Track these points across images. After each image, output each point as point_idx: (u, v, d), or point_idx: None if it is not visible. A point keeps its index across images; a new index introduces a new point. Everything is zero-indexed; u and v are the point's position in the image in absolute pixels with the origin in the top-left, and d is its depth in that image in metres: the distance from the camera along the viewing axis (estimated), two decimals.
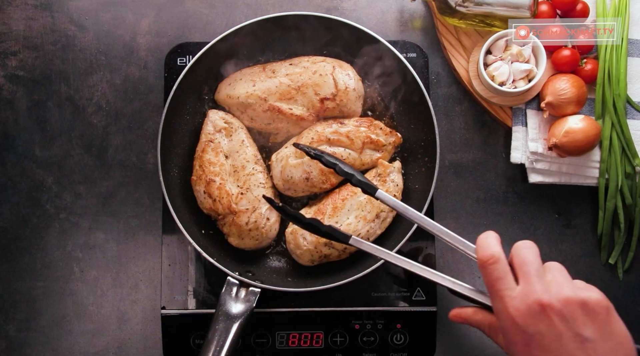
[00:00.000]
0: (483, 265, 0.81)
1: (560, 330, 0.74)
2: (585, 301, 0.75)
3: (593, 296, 0.75)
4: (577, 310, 0.75)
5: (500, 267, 0.79)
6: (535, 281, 0.77)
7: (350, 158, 1.15)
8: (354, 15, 1.29)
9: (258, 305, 1.09)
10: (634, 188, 1.20)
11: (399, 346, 1.17)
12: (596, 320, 0.74)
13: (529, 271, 0.78)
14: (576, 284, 0.78)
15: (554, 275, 0.78)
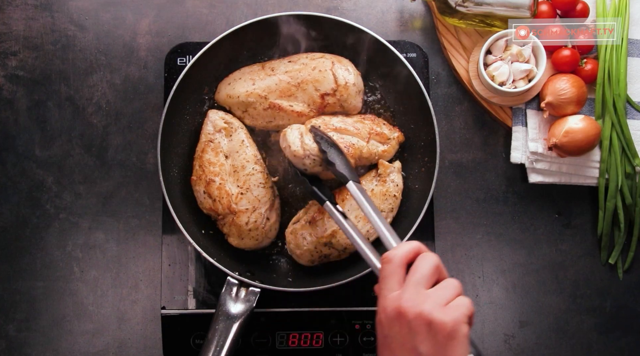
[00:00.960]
0: (383, 260, 0.85)
1: (405, 338, 0.78)
2: (431, 321, 0.77)
3: (441, 318, 0.77)
4: (423, 326, 0.78)
5: (390, 268, 0.83)
6: (409, 290, 0.80)
7: (358, 145, 1.14)
8: (354, 15, 1.29)
9: (258, 305, 1.09)
10: (634, 188, 1.20)
11: None
12: (434, 341, 0.77)
13: (411, 279, 0.81)
14: (452, 303, 0.80)
15: (436, 290, 0.81)
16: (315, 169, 1.10)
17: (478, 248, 1.24)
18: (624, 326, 1.22)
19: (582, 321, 1.22)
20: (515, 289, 1.23)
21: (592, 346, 1.21)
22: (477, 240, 1.24)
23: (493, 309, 1.22)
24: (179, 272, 1.20)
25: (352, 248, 1.14)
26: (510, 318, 1.22)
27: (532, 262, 1.23)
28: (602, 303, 1.22)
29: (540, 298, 1.23)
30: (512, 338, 1.22)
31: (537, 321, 1.22)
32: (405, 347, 0.78)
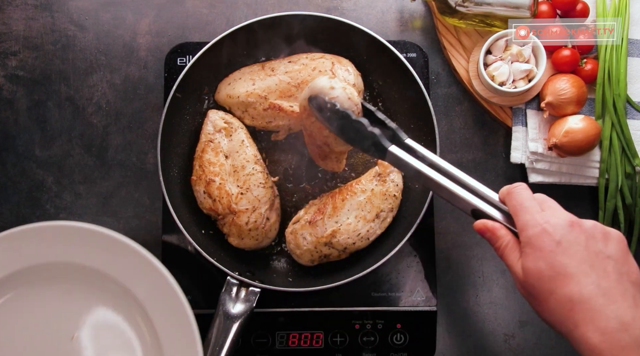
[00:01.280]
0: (513, 189, 0.88)
1: (587, 242, 0.81)
2: (607, 232, 0.83)
3: (615, 230, 0.84)
4: (600, 235, 0.82)
5: (525, 193, 0.87)
6: (561, 208, 0.86)
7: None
8: (354, 15, 1.29)
9: (258, 305, 1.09)
10: (634, 188, 1.20)
11: (399, 346, 1.17)
12: (617, 247, 0.82)
13: (554, 204, 0.87)
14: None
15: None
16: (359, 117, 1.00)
17: (478, 248, 1.24)
18: None
19: None
20: (515, 289, 1.23)
21: None
22: (477, 240, 1.24)
23: (493, 309, 1.22)
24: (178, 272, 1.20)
25: (352, 248, 1.15)
26: (510, 318, 1.22)
27: None
28: None
29: None
30: (512, 338, 1.22)
31: (537, 321, 1.22)
32: (590, 249, 0.81)
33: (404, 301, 1.19)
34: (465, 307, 1.22)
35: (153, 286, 1.00)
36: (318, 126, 1.03)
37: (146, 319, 1.00)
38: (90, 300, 1.01)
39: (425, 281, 1.20)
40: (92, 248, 1.01)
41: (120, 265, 1.00)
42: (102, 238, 1.01)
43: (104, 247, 1.01)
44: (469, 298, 1.22)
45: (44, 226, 1.02)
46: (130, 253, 1.00)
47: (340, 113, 0.97)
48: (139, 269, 1.00)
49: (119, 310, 1.01)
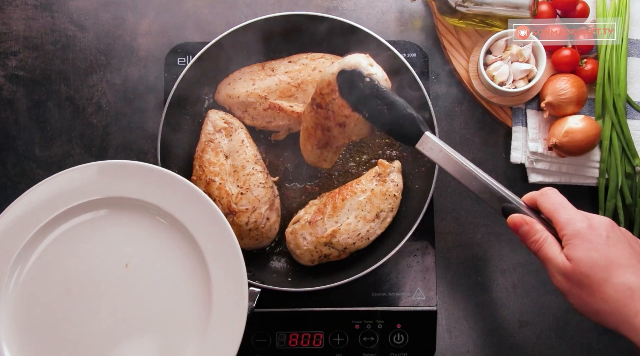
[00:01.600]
0: (547, 191, 0.93)
1: (630, 242, 0.88)
2: (638, 239, 0.91)
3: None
4: (634, 239, 0.90)
5: (560, 197, 0.93)
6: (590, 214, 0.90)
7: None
8: (354, 15, 1.29)
9: (258, 305, 1.09)
10: (634, 188, 1.20)
11: (399, 346, 1.17)
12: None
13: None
14: None
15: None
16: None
17: (478, 248, 1.24)
18: None
19: (582, 321, 1.22)
20: (515, 289, 1.23)
21: (592, 346, 1.21)
22: (477, 240, 1.24)
23: (493, 309, 1.22)
24: None
25: (352, 248, 1.15)
26: (510, 318, 1.22)
27: (532, 262, 1.23)
28: None
29: (540, 298, 1.22)
30: (512, 338, 1.22)
31: (537, 321, 1.22)
32: (634, 248, 0.87)
33: (404, 301, 1.19)
34: (465, 307, 1.22)
35: (201, 216, 1.03)
36: (339, 104, 1.00)
37: (195, 247, 1.04)
38: (144, 231, 1.06)
39: (425, 281, 1.20)
40: (149, 184, 1.05)
41: (173, 199, 1.04)
42: (158, 175, 1.05)
43: (161, 184, 1.05)
44: (469, 298, 1.22)
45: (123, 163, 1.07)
46: (182, 187, 1.04)
47: (380, 90, 0.95)
48: (190, 202, 1.04)
49: (170, 240, 1.06)
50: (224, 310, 1.00)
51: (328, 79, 1.00)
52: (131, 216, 1.07)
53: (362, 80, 0.96)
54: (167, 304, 1.03)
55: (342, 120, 1.02)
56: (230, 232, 1.02)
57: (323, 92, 1.02)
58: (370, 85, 0.96)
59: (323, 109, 1.03)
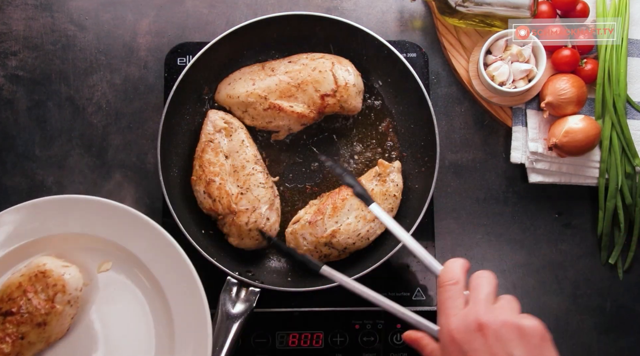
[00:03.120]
0: (441, 284, 0.87)
1: (494, 350, 0.79)
2: (522, 326, 0.80)
3: (530, 323, 0.80)
4: (512, 333, 0.79)
5: (455, 289, 0.85)
6: (480, 304, 0.83)
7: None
8: (354, 15, 1.29)
9: (258, 305, 1.09)
10: (634, 188, 1.20)
11: (399, 346, 1.17)
12: (529, 344, 0.79)
13: (478, 295, 0.84)
14: (520, 314, 0.83)
15: (502, 303, 0.84)
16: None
17: (478, 248, 1.24)
18: (624, 326, 1.22)
19: (582, 321, 1.22)
20: (515, 289, 1.23)
21: (592, 346, 1.21)
22: (477, 240, 1.24)
23: None
24: None
25: (352, 248, 1.15)
26: None
27: (532, 262, 1.23)
28: (602, 303, 1.22)
29: (540, 298, 1.23)
30: None
31: None
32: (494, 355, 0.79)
33: (404, 301, 1.19)
34: None
35: (154, 246, 1.05)
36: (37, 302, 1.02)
37: (150, 277, 1.05)
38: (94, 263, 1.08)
39: (425, 282, 1.20)
40: (93, 217, 1.07)
41: (122, 230, 1.06)
42: (104, 208, 1.07)
43: (107, 217, 1.07)
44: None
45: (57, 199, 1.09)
46: (130, 218, 1.05)
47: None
48: (140, 232, 1.05)
49: (122, 270, 1.08)
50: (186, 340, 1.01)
51: (18, 281, 1.02)
52: (81, 252, 1.07)
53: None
54: (124, 342, 1.04)
55: (43, 319, 1.01)
56: (184, 257, 1.03)
57: (13, 296, 1.01)
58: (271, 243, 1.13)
59: (15, 315, 1.00)
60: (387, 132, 1.23)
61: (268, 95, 1.17)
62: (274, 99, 1.17)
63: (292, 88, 1.16)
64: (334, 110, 1.18)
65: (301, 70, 1.17)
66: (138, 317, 1.06)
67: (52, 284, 1.01)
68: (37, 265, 1.03)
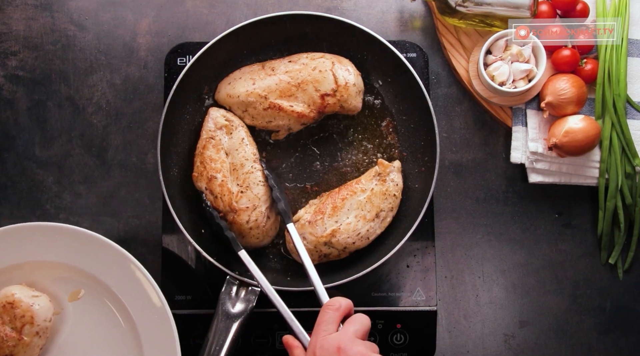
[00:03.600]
0: (324, 307, 0.98)
1: None
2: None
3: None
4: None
5: (333, 314, 0.96)
6: (348, 334, 0.94)
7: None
8: (354, 15, 1.29)
9: (258, 304, 1.09)
10: (634, 188, 1.20)
11: (399, 346, 1.17)
12: None
13: (349, 327, 0.95)
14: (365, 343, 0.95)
15: (365, 342, 0.94)
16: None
17: (478, 248, 1.24)
18: (624, 326, 1.22)
19: (582, 321, 1.22)
20: (515, 289, 1.23)
21: (592, 346, 1.21)
22: (477, 240, 1.24)
23: (493, 309, 1.22)
24: (179, 272, 1.20)
25: (352, 247, 1.15)
26: (510, 318, 1.22)
27: (532, 262, 1.23)
28: (602, 303, 1.22)
29: (540, 298, 1.23)
30: (512, 338, 1.22)
31: (537, 321, 1.22)
32: None
33: (404, 301, 1.19)
34: (465, 307, 1.22)
35: (125, 277, 1.05)
36: (6, 333, 1.02)
37: (122, 307, 1.05)
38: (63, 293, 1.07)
39: (425, 281, 1.20)
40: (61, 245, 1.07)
41: (90, 258, 1.05)
42: (72, 235, 1.07)
43: (74, 242, 1.06)
44: (469, 298, 1.22)
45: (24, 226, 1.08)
46: (102, 247, 1.05)
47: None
48: (112, 261, 1.05)
49: (94, 299, 1.07)
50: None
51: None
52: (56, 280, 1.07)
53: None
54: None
55: (10, 351, 1.00)
56: (160, 296, 1.04)
57: None
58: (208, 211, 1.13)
59: None
60: (387, 132, 1.23)
61: (268, 95, 1.17)
62: (274, 99, 1.17)
63: (292, 87, 1.16)
64: (334, 109, 1.18)
65: (301, 70, 1.17)
66: (108, 348, 1.05)
67: (20, 315, 0.99)
68: (5, 295, 1.01)
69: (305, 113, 1.16)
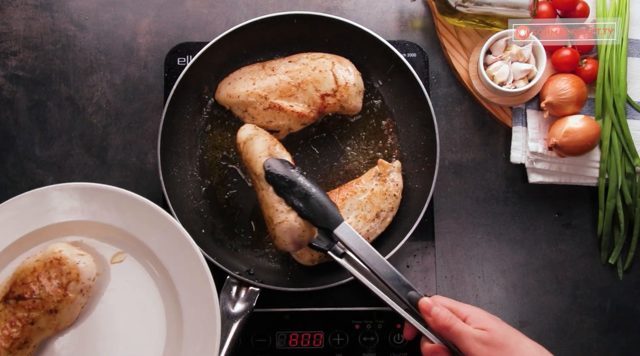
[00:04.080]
0: (433, 316, 0.98)
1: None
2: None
3: None
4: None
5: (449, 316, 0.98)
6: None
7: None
8: (354, 15, 1.29)
9: (258, 305, 1.09)
10: (634, 188, 1.20)
11: (399, 346, 1.17)
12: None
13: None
14: None
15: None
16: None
17: (478, 248, 1.24)
18: (624, 326, 1.22)
19: (582, 321, 1.22)
20: (515, 289, 1.23)
21: (592, 346, 1.21)
22: (477, 240, 1.24)
23: (493, 309, 1.22)
24: None
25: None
26: (510, 318, 1.22)
27: (532, 262, 1.23)
28: (602, 303, 1.22)
29: (540, 298, 1.23)
30: None
31: (537, 321, 1.22)
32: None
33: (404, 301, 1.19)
34: None
35: (169, 241, 1.04)
36: (52, 289, 1.01)
37: (163, 272, 1.05)
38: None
39: (425, 282, 1.20)
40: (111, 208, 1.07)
41: (139, 223, 1.06)
42: (120, 199, 1.06)
43: (123, 206, 1.06)
44: (469, 298, 1.22)
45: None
46: (149, 211, 1.05)
47: (304, 178, 1.05)
48: (156, 226, 1.05)
49: (136, 262, 1.07)
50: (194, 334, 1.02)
51: (33, 265, 1.01)
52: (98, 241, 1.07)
53: (290, 167, 1.06)
54: (132, 333, 1.04)
55: (54, 306, 1.00)
56: (199, 256, 1.02)
57: (26, 281, 1.00)
58: (298, 173, 1.05)
59: (27, 300, 0.99)
60: (387, 132, 1.23)
61: (268, 95, 1.17)
62: (274, 99, 1.17)
63: (292, 87, 1.16)
64: (334, 109, 1.18)
65: (301, 70, 1.17)
66: (147, 310, 1.05)
67: (66, 272, 1.00)
68: (52, 252, 1.02)
69: (305, 113, 1.16)
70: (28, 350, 1.01)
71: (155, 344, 1.04)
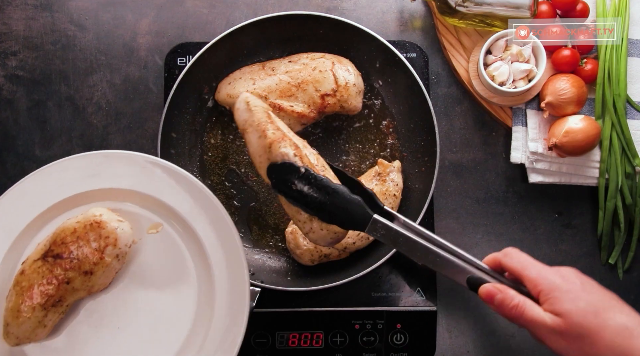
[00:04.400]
0: (506, 252, 0.91)
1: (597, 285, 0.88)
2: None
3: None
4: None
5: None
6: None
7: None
8: (354, 15, 1.29)
9: (258, 305, 1.09)
10: (634, 188, 1.20)
11: (399, 346, 1.17)
12: None
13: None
14: None
15: None
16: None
17: (478, 248, 1.24)
18: None
19: None
20: None
21: None
22: (477, 240, 1.24)
23: None
24: None
25: (352, 247, 1.15)
26: None
27: None
28: None
29: None
30: (512, 338, 1.21)
31: None
32: (601, 290, 0.86)
33: (404, 301, 1.19)
34: (465, 307, 1.22)
35: (207, 216, 1.04)
36: (88, 251, 1.00)
37: (199, 246, 1.05)
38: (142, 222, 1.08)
39: (425, 282, 1.20)
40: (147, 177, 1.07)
41: (180, 196, 1.05)
42: (157, 167, 1.06)
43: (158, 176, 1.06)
44: (469, 298, 1.22)
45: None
46: (190, 185, 1.05)
47: (317, 179, 0.90)
48: (197, 201, 1.04)
49: (171, 234, 1.07)
50: (224, 303, 1.01)
51: (73, 227, 1.00)
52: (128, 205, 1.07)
53: (296, 173, 0.90)
54: (162, 303, 1.04)
55: (90, 268, 1.00)
56: (231, 224, 1.02)
57: (66, 241, 0.99)
58: (307, 176, 0.90)
59: (65, 259, 0.99)
60: (387, 132, 1.23)
61: (268, 95, 1.17)
62: (274, 99, 1.17)
63: (292, 87, 1.16)
64: (334, 110, 1.18)
65: (301, 70, 1.17)
66: (179, 282, 1.05)
67: (104, 236, 1.01)
68: (93, 215, 1.02)
69: (306, 114, 1.16)
70: (61, 308, 1.01)
71: (184, 319, 1.04)
